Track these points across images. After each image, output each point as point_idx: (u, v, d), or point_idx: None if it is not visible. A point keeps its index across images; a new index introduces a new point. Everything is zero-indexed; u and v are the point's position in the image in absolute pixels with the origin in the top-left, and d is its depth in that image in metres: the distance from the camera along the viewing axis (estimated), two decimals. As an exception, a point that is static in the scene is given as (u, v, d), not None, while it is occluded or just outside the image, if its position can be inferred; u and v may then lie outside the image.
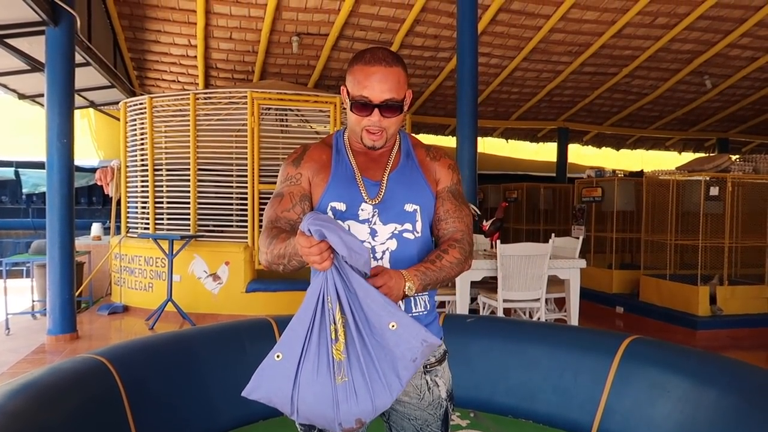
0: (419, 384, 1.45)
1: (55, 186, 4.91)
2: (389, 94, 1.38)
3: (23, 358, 4.58)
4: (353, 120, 1.43)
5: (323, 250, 1.17)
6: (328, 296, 1.21)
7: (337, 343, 1.19)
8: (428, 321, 1.47)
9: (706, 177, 5.82)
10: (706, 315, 5.56)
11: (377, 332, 1.20)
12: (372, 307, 1.20)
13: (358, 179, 1.45)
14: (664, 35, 8.10)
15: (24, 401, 2.10)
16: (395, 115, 1.41)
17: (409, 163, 1.51)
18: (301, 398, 1.20)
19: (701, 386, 2.63)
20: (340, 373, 1.19)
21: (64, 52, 4.92)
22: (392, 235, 1.42)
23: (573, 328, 3.82)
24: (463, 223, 1.52)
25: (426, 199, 1.48)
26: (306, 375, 1.20)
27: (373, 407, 1.20)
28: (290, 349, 1.21)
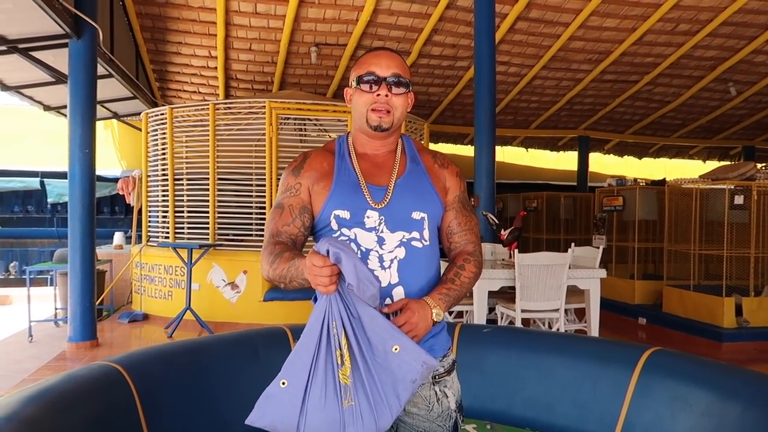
0: (428, 395, 1.42)
1: (77, 195, 4.99)
2: (397, 70, 1.39)
3: (44, 365, 4.64)
4: (359, 103, 1.41)
5: (333, 274, 1.16)
6: (333, 321, 1.21)
7: (343, 367, 1.21)
8: (437, 330, 1.44)
9: (730, 185, 5.69)
10: (732, 327, 5.41)
11: (380, 355, 1.22)
12: (377, 332, 1.21)
13: (363, 185, 1.41)
14: (687, 42, 7.99)
15: (38, 408, 2.11)
16: (402, 92, 1.40)
17: (416, 169, 1.47)
18: (308, 424, 1.20)
19: (725, 400, 2.54)
20: (347, 397, 1.20)
21: (87, 64, 5.02)
22: (400, 243, 1.39)
23: (592, 339, 3.75)
24: (474, 234, 1.52)
25: (434, 207, 1.45)
26: (314, 401, 1.20)
27: (377, 428, 1.22)
28: (296, 375, 1.21)
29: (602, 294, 4.87)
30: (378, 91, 1.38)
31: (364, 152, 1.47)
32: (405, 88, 1.40)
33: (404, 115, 1.44)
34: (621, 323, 6.53)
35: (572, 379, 3.16)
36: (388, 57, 1.41)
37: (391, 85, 1.38)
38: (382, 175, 1.44)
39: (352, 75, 1.44)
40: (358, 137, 1.48)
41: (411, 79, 1.44)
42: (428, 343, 1.41)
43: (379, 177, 1.43)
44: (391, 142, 1.48)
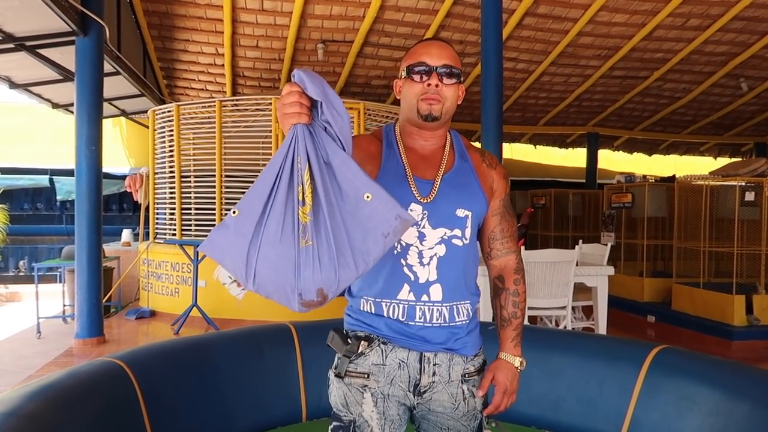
0: (455, 393, 1.40)
1: (84, 192, 5.01)
2: (448, 60, 1.36)
3: (51, 361, 4.66)
4: (409, 93, 1.38)
5: (302, 99, 1.11)
6: (298, 156, 1.12)
7: (304, 206, 1.12)
8: (469, 330, 1.43)
9: (741, 182, 5.62)
10: (743, 325, 5.35)
11: (350, 202, 1.13)
12: (348, 176, 1.13)
13: (409, 177, 1.37)
14: (697, 37, 7.89)
15: (40, 404, 2.11)
16: (453, 82, 1.37)
17: (464, 166, 1.44)
18: (261, 259, 1.11)
19: (733, 399, 2.51)
20: (305, 237, 1.11)
21: (93, 62, 5.03)
22: (441, 241, 1.36)
23: (598, 337, 3.72)
24: (514, 240, 1.51)
25: (479, 205, 1.42)
26: (269, 234, 1.11)
27: (337, 278, 1.12)
28: (251, 206, 1.13)
29: (610, 291, 4.83)
30: (429, 81, 1.35)
31: (411, 144, 1.43)
32: (456, 78, 1.38)
33: (454, 107, 1.41)
34: (629, 321, 6.48)
35: (579, 377, 3.13)
36: (440, 47, 1.38)
37: (442, 75, 1.35)
38: (429, 169, 1.40)
39: (402, 65, 1.41)
40: (405, 128, 1.44)
41: (462, 71, 1.41)
42: (461, 341, 1.40)
43: (425, 170, 1.40)
44: (439, 135, 1.44)
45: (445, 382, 1.39)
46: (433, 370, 1.38)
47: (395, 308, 1.36)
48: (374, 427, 1.35)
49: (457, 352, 1.40)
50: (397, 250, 1.35)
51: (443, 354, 1.39)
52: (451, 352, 1.39)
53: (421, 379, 1.38)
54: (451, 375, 1.39)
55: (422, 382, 1.38)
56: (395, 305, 1.36)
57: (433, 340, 1.37)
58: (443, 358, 1.39)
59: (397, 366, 1.37)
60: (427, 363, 1.37)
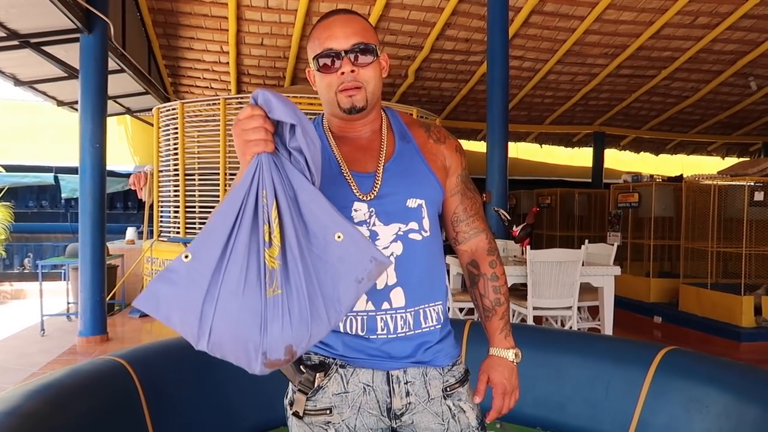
0: (440, 411, 1.22)
1: (88, 190, 5.00)
2: (356, 38, 1.15)
3: (54, 359, 4.66)
4: (323, 86, 1.19)
5: (266, 124, 0.95)
6: (264, 189, 0.95)
7: (271, 248, 0.95)
8: (442, 336, 1.25)
9: (750, 182, 5.56)
10: (751, 326, 5.29)
11: (319, 243, 0.98)
12: (316, 214, 0.97)
13: (346, 173, 1.20)
14: (706, 35, 7.83)
15: (40, 403, 2.09)
16: (370, 61, 1.17)
17: (407, 148, 1.25)
18: (219, 313, 0.93)
19: (743, 401, 2.46)
20: (272, 285, 0.95)
21: (98, 59, 5.02)
22: (396, 237, 1.19)
23: (605, 338, 3.67)
24: (481, 217, 1.34)
25: (432, 190, 1.24)
26: (230, 283, 0.93)
27: (309, 333, 0.96)
28: (206, 249, 0.94)
29: (617, 292, 4.78)
30: (341, 69, 1.15)
31: (343, 135, 1.25)
32: (372, 55, 1.17)
33: (380, 86, 1.21)
34: (636, 322, 6.42)
35: (585, 378, 3.09)
36: (343, 23, 1.17)
37: (356, 56, 1.15)
38: (368, 161, 1.23)
39: (308, 53, 1.22)
40: (333, 121, 1.26)
41: (377, 42, 1.20)
42: (432, 350, 1.22)
43: (364, 163, 1.22)
44: (373, 120, 1.26)
45: (424, 401, 1.21)
46: (405, 389, 1.20)
47: (353, 322, 1.17)
48: None
49: (430, 364, 1.22)
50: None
51: (414, 369, 1.20)
52: (422, 366, 1.21)
53: (392, 402, 1.19)
54: (430, 392, 1.21)
55: (395, 405, 1.19)
56: (352, 318, 1.17)
57: (398, 354, 1.19)
58: (415, 374, 1.20)
59: (361, 391, 1.18)
60: (396, 383, 1.19)
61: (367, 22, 1.21)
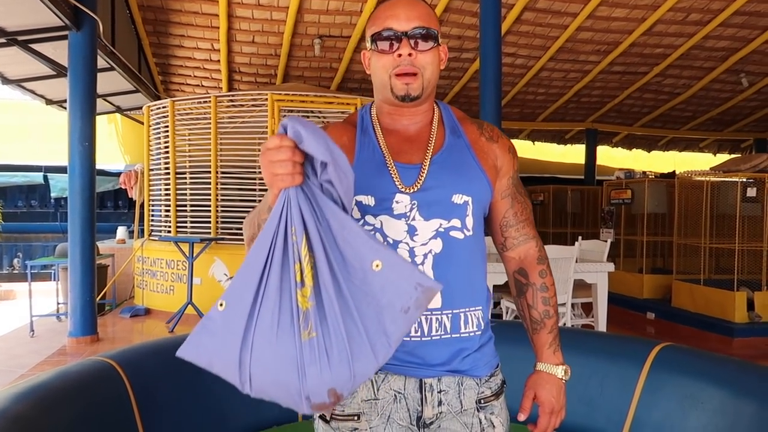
0: (470, 422, 1.15)
1: (77, 189, 4.94)
2: (419, 21, 1.12)
3: (43, 360, 4.60)
4: (378, 68, 1.14)
5: (295, 157, 0.89)
6: (293, 226, 0.91)
7: (303, 288, 0.90)
8: (482, 343, 1.18)
9: (742, 178, 5.58)
10: (744, 322, 5.31)
11: (356, 275, 0.91)
12: (350, 242, 0.91)
13: (390, 164, 1.15)
14: (698, 32, 7.83)
15: (28, 405, 2.05)
16: (430, 47, 1.13)
17: (457, 143, 1.20)
18: (255, 360, 0.90)
19: (739, 398, 2.45)
20: (307, 327, 0.90)
21: (86, 57, 4.96)
22: (436, 234, 1.13)
23: (599, 334, 3.66)
24: (532, 224, 1.30)
25: (480, 188, 1.18)
26: (263, 330, 0.90)
27: (352, 374, 0.90)
28: (239, 296, 0.92)
29: (610, 288, 4.78)
30: (399, 51, 1.11)
31: (392, 125, 1.20)
32: (433, 41, 1.13)
33: (436, 75, 1.17)
34: (629, 318, 6.44)
35: (579, 375, 3.06)
36: (408, 5, 1.13)
37: (415, 40, 1.12)
38: (415, 152, 1.17)
39: (366, 34, 1.18)
40: (383, 108, 1.21)
41: (439, 30, 1.16)
42: (470, 358, 1.15)
43: (410, 154, 1.17)
44: (424, 111, 1.21)
45: (456, 412, 1.14)
46: (438, 399, 1.14)
47: None
48: None
49: (467, 373, 1.15)
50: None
51: (449, 378, 1.14)
52: (458, 375, 1.14)
53: (423, 411, 1.14)
54: (463, 403, 1.15)
55: (426, 415, 1.14)
56: None
57: (433, 360, 1.13)
58: (450, 383, 1.14)
59: (392, 399, 1.13)
60: (429, 391, 1.13)
61: (431, 9, 1.17)
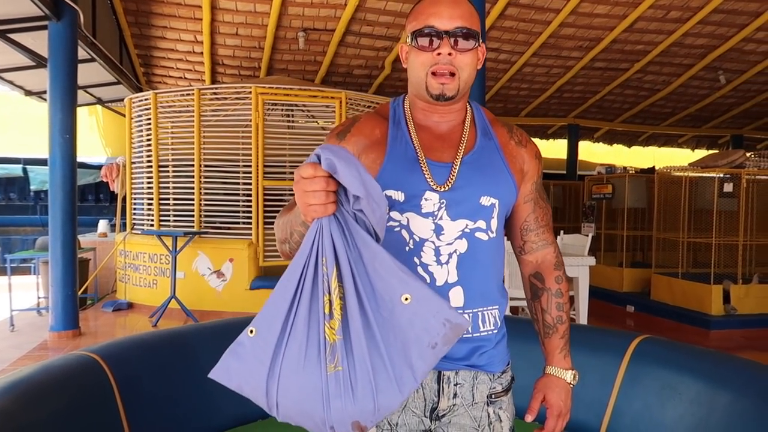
0: (479, 416, 1.19)
1: (58, 182, 4.88)
2: (461, 21, 1.11)
3: (24, 354, 4.55)
4: (416, 65, 1.14)
5: (329, 187, 0.89)
6: (324, 257, 0.91)
7: (332, 320, 0.91)
8: (497, 340, 1.22)
9: (719, 173, 5.68)
10: (720, 314, 5.43)
11: (385, 307, 0.92)
12: (380, 274, 0.91)
13: (422, 161, 1.15)
14: (677, 29, 7.94)
15: (10, 400, 2.04)
16: (470, 47, 1.13)
17: (488, 145, 1.21)
18: (282, 389, 0.92)
19: (714, 388, 2.52)
20: (333, 360, 0.91)
21: (67, 47, 4.89)
22: (462, 234, 1.14)
23: (580, 327, 3.72)
24: (551, 230, 1.31)
25: (507, 191, 1.20)
26: (290, 360, 0.92)
27: (376, 407, 0.92)
28: (269, 324, 0.93)
29: (591, 282, 4.86)
30: (439, 49, 1.11)
31: (424, 121, 1.20)
32: (474, 41, 1.13)
33: (473, 77, 1.17)
34: (609, 311, 6.54)
35: (561, 367, 3.13)
36: (452, 3, 1.13)
37: (456, 40, 1.11)
38: (446, 150, 1.18)
39: (406, 28, 1.17)
40: (416, 103, 1.21)
41: (480, 30, 1.16)
42: (487, 355, 1.19)
43: (441, 152, 1.17)
44: (458, 110, 1.21)
45: (468, 404, 1.19)
46: (454, 391, 1.18)
47: None
48: None
49: (482, 368, 1.19)
50: (409, 246, 1.14)
51: (466, 372, 1.18)
52: (474, 369, 1.19)
53: (439, 402, 1.17)
54: (475, 396, 1.19)
55: (441, 406, 1.18)
56: None
57: (453, 355, 1.15)
58: (466, 377, 1.18)
59: None
60: (446, 383, 1.17)
61: (474, 9, 1.17)
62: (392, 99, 1.25)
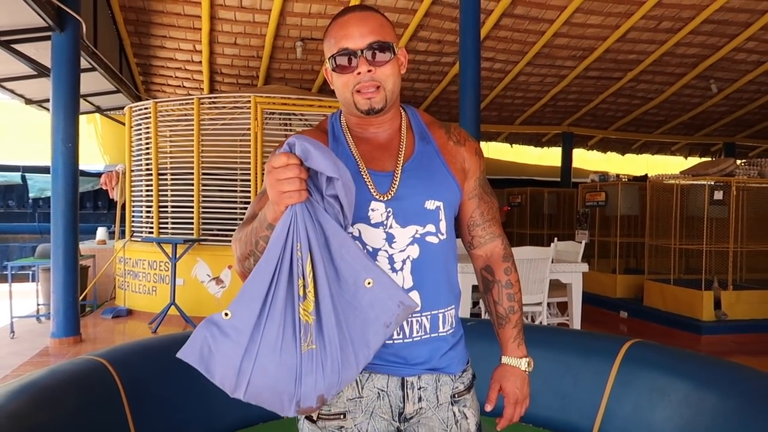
0: (445, 417, 1.23)
1: (60, 190, 4.95)
2: (372, 36, 1.13)
3: (26, 361, 4.60)
4: (340, 86, 1.16)
5: (302, 174, 0.94)
6: (298, 242, 0.96)
7: (305, 301, 0.96)
8: (455, 341, 1.25)
9: (710, 181, 5.79)
10: (711, 320, 5.52)
11: (349, 290, 0.99)
12: (347, 260, 0.98)
13: (363, 172, 1.17)
14: (669, 39, 8.09)
15: (22, 402, 2.11)
16: (387, 59, 1.14)
17: (427, 149, 1.24)
18: (258, 368, 0.96)
19: (702, 390, 2.61)
20: (307, 339, 0.96)
21: (70, 58, 4.97)
22: (413, 240, 1.17)
23: (573, 332, 3.81)
24: (497, 222, 1.34)
25: (450, 192, 1.23)
26: (269, 340, 0.96)
27: (339, 381, 0.99)
28: (246, 307, 0.96)
29: (584, 288, 4.94)
30: (358, 69, 1.13)
31: (362, 134, 1.23)
32: (389, 52, 1.14)
33: (398, 84, 1.19)
34: (603, 317, 6.62)
35: (554, 371, 3.20)
36: (359, 21, 1.13)
37: (373, 53, 1.13)
38: (387, 160, 1.20)
39: (325, 52, 1.19)
40: (351, 119, 1.24)
41: (395, 39, 1.18)
42: (446, 357, 1.23)
43: (383, 162, 1.20)
44: (390, 119, 1.24)
45: (433, 407, 1.22)
46: (418, 395, 1.21)
47: None
48: None
49: (443, 371, 1.23)
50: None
51: (428, 375, 1.21)
52: (436, 372, 1.22)
53: (405, 407, 1.21)
54: (439, 398, 1.23)
55: (407, 410, 1.21)
56: None
57: (414, 359, 1.19)
58: (428, 380, 1.22)
59: (376, 396, 1.19)
60: (410, 389, 1.20)
61: (384, 18, 1.18)
62: (330, 114, 1.28)
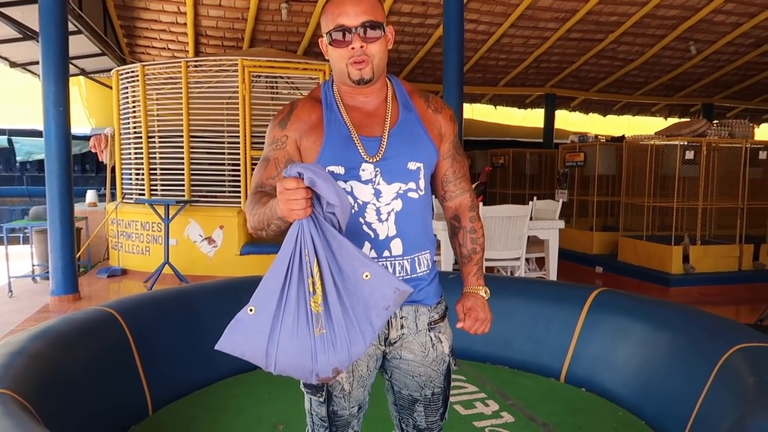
0: (424, 341, 1.46)
1: (53, 153, 5.06)
2: (365, 16, 1.31)
3: (29, 317, 4.80)
4: (335, 58, 1.35)
5: (309, 196, 1.14)
6: (306, 249, 1.19)
7: (315, 295, 1.20)
8: (431, 278, 1.48)
9: (682, 141, 6.03)
10: (679, 273, 5.84)
11: (351, 282, 1.22)
12: (346, 258, 1.21)
13: (355, 138, 1.37)
14: (650, 1, 8.20)
15: (43, 344, 2.32)
16: (378, 36, 1.33)
17: (409, 117, 1.44)
18: (281, 351, 1.21)
19: (658, 330, 2.90)
20: (318, 326, 1.21)
21: (58, 21, 5.00)
22: (397, 195, 1.39)
23: (546, 282, 4.08)
24: (467, 179, 1.56)
25: (429, 155, 1.44)
26: (286, 329, 1.21)
27: (349, 355, 1.23)
28: (265, 303, 1.21)
29: (563, 245, 5.22)
30: (352, 44, 1.32)
31: (352, 102, 1.42)
32: (380, 30, 1.33)
33: (385, 59, 1.38)
34: (579, 272, 6.94)
35: (528, 318, 3.48)
36: (354, 1, 1.32)
37: (364, 31, 1.31)
38: (374, 126, 1.40)
39: (321, 26, 1.36)
40: (342, 88, 1.42)
41: (384, 19, 1.36)
42: (423, 291, 1.45)
43: (371, 128, 1.40)
44: (378, 89, 1.43)
45: (413, 333, 1.45)
46: (400, 323, 1.44)
47: None
48: (344, 384, 1.43)
49: (421, 302, 1.45)
50: (354, 208, 1.37)
51: (408, 306, 1.44)
52: (415, 304, 1.44)
53: (389, 333, 1.44)
54: (418, 325, 1.45)
55: (391, 335, 1.44)
56: None
57: None
58: (409, 311, 1.44)
59: None
60: (394, 317, 1.43)
61: (378, 1, 1.37)
62: (323, 83, 1.47)
